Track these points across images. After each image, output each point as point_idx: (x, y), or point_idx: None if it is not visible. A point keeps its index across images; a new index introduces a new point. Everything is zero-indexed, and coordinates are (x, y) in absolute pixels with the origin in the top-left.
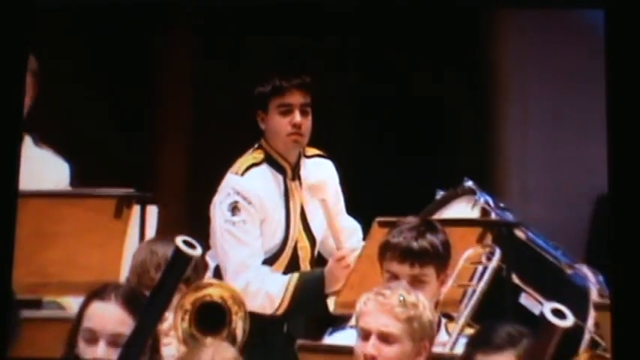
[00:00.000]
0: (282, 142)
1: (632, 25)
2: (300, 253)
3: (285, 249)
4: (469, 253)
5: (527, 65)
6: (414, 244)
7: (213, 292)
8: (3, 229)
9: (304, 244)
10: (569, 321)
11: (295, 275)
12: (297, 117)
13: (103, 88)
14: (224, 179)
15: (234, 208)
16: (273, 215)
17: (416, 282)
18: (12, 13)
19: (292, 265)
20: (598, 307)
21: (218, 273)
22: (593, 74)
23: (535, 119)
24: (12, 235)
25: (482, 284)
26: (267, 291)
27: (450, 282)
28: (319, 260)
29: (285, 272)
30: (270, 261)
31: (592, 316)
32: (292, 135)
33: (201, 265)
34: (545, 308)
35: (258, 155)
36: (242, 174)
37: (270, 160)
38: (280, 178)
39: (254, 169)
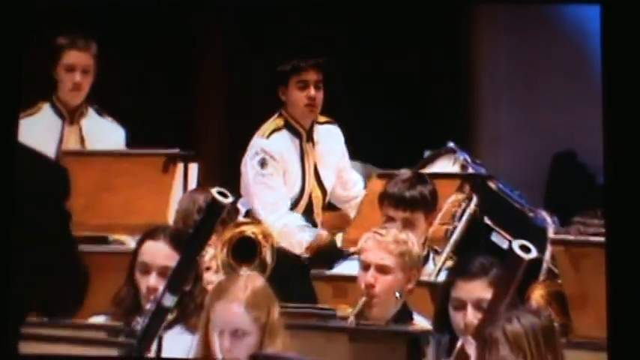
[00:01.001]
0: (300, 111)
1: (629, 20)
2: (314, 201)
3: (303, 198)
4: (452, 199)
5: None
6: (407, 194)
7: (247, 228)
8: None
9: (317, 194)
10: (533, 254)
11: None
12: (312, 91)
13: (151, 62)
14: (252, 141)
15: (263, 164)
16: (292, 170)
17: (408, 224)
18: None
19: (308, 211)
20: (553, 243)
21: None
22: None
23: (506, 88)
24: (8, 232)
25: (461, 224)
26: (297, 237)
27: (435, 222)
28: (329, 208)
29: (304, 215)
30: (291, 207)
31: (549, 250)
32: (308, 106)
33: (234, 210)
34: (514, 244)
35: (279, 122)
36: (267, 137)
37: (288, 126)
38: (297, 141)
39: (276, 133)
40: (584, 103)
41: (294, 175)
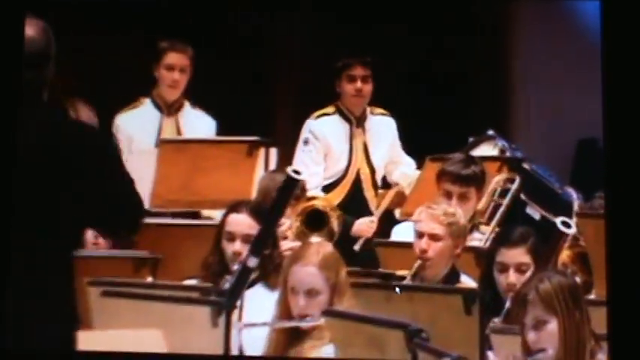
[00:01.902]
0: (349, 101)
1: (629, 16)
2: (362, 177)
3: (348, 174)
4: (497, 178)
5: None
6: (463, 172)
7: (317, 202)
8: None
9: (365, 171)
10: (573, 229)
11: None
12: (359, 84)
13: (235, 61)
14: (308, 122)
15: (306, 142)
16: (336, 150)
17: (463, 198)
18: None
19: (356, 186)
20: (578, 215)
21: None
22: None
23: (537, 80)
24: (7, 230)
25: (506, 200)
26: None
27: (484, 199)
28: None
29: (349, 191)
30: (336, 182)
31: (574, 220)
32: (355, 97)
33: (304, 187)
34: (557, 221)
35: (331, 109)
36: (315, 119)
37: (340, 113)
38: (347, 125)
39: (325, 117)
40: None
41: (338, 153)
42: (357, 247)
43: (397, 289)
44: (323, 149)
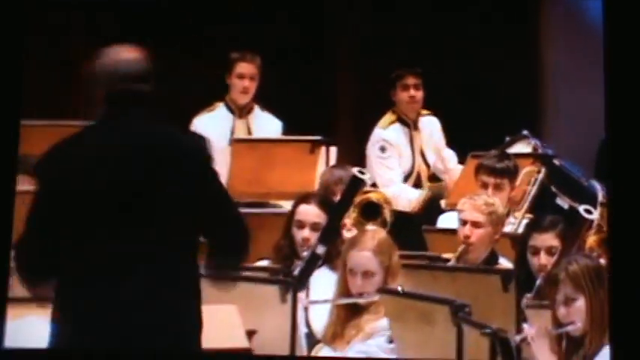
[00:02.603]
0: (405, 107)
1: (631, 13)
2: (421, 173)
3: (413, 172)
4: (526, 169)
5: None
6: (497, 165)
7: (372, 195)
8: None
9: (423, 168)
10: (595, 215)
11: (425, 190)
12: (412, 91)
13: (298, 69)
14: (374, 131)
15: (382, 149)
16: (404, 153)
17: (497, 188)
18: None
19: (418, 181)
20: (602, 205)
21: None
22: None
23: (566, 81)
24: (9, 229)
25: (534, 189)
26: (408, 197)
27: (516, 188)
28: (433, 179)
29: (414, 185)
30: (406, 177)
31: (599, 209)
32: (409, 103)
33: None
34: (580, 208)
35: (393, 117)
36: (385, 128)
37: (400, 120)
38: (407, 130)
39: (392, 125)
40: None
41: (405, 156)
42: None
43: (399, 289)
44: (396, 154)
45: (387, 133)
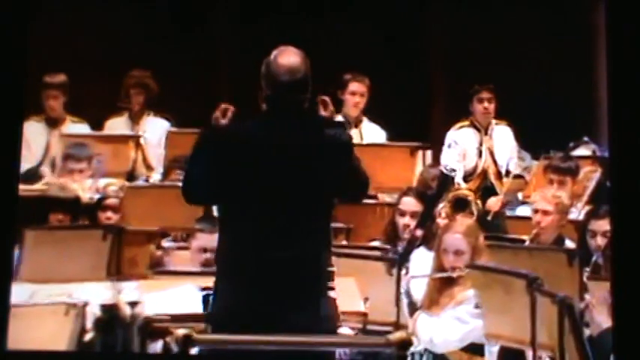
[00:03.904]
0: (479, 117)
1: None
2: (489, 171)
3: (479, 168)
4: (586, 169)
5: None
6: (562, 165)
7: (461, 192)
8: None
9: (492, 168)
10: None
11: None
12: (486, 104)
13: (399, 86)
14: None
15: (449, 146)
16: (470, 150)
17: (561, 184)
18: None
19: (484, 176)
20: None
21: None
22: None
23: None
24: (11, 232)
25: (592, 185)
26: None
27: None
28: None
29: (480, 180)
30: (471, 174)
31: None
32: (483, 114)
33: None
34: None
35: (466, 122)
36: (456, 130)
37: (473, 125)
38: (478, 134)
39: (462, 128)
40: None
41: (472, 153)
42: (489, 217)
43: (401, 290)
44: (461, 152)
45: (456, 134)
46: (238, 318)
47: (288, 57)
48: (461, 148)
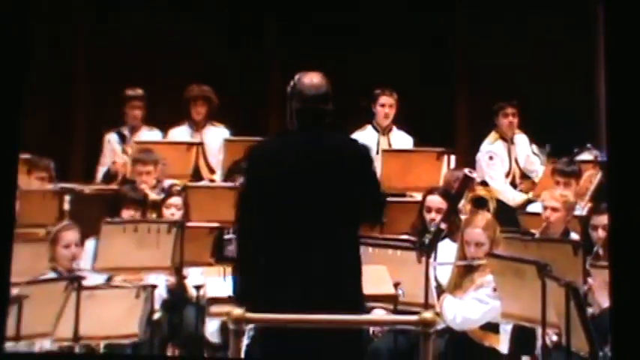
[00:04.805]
0: (505, 129)
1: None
2: (516, 174)
3: (510, 173)
4: (588, 172)
5: None
6: (567, 169)
7: (480, 192)
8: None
9: (517, 171)
10: None
11: (525, 196)
12: (510, 118)
13: (424, 99)
14: (483, 145)
15: (491, 157)
16: (503, 160)
17: (566, 184)
18: None
19: (513, 178)
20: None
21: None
22: None
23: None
24: (11, 232)
25: (593, 186)
26: (514, 197)
27: (580, 185)
28: (524, 177)
29: (511, 181)
30: (505, 176)
31: None
32: (508, 126)
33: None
34: None
35: (496, 135)
36: (492, 143)
37: (501, 137)
38: (506, 144)
39: (496, 142)
40: None
41: (505, 162)
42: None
43: (400, 292)
44: (500, 161)
45: (493, 146)
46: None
47: (312, 77)
48: (500, 160)
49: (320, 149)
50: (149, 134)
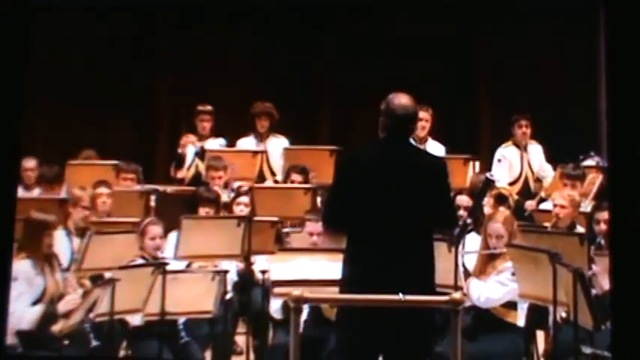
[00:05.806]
0: (519, 138)
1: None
2: (529, 178)
3: (521, 177)
4: (591, 176)
5: None
6: (572, 173)
7: (502, 190)
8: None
9: (530, 175)
10: None
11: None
12: (524, 129)
13: (453, 113)
14: (498, 149)
15: (499, 160)
16: (514, 164)
17: (572, 186)
18: None
19: (525, 183)
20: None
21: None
22: None
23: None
24: (11, 232)
25: (595, 188)
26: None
27: (585, 187)
28: (538, 181)
29: (523, 184)
30: (516, 180)
31: None
32: (521, 136)
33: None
34: None
35: (510, 142)
36: (504, 148)
37: (515, 144)
38: (519, 151)
39: (508, 147)
40: None
41: (515, 166)
42: (526, 213)
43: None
44: (508, 165)
45: (504, 150)
46: (362, 284)
47: (402, 98)
48: (508, 162)
49: (404, 160)
50: (215, 142)
